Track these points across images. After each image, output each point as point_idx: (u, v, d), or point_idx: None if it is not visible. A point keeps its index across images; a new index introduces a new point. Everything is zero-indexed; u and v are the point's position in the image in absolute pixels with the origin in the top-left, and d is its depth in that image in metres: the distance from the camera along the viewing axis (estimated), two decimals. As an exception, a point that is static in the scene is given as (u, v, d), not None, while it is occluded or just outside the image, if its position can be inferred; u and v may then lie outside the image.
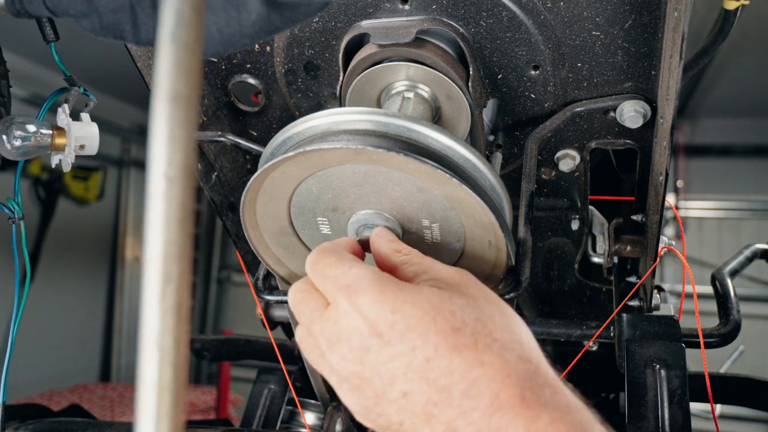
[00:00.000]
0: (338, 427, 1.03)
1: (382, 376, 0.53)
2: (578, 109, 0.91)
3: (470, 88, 0.85)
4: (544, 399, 0.50)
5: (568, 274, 1.33)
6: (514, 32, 0.84)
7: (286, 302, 0.87)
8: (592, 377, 1.53)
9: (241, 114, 1.06)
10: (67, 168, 0.90)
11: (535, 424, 0.48)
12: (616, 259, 1.16)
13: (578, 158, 0.99)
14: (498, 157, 0.99)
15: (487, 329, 0.53)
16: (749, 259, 1.57)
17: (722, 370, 2.41)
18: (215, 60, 0.99)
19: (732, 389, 1.39)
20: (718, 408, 1.50)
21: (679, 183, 5.37)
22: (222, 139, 0.95)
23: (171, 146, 0.31)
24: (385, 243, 0.66)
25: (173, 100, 0.31)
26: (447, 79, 0.84)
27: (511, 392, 0.50)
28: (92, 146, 0.90)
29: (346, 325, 0.55)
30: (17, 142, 0.85)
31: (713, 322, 1.33)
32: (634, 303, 1.14)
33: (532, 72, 0.88)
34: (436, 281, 0.58)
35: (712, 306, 1.37)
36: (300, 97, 0.99)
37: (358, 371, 0.54)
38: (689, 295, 1.12)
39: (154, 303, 0.31)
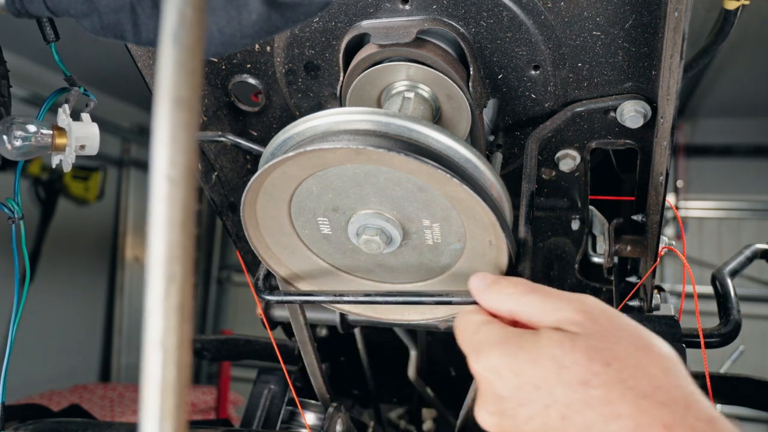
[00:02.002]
0: (338, 427, 1.03)
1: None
2: (578, 109, 0.91)
3: (470, 88, 0.85)
4: None
5: (568, 274, 1.33)
6: (514, 32, 0.84)
7: (286, 302, 0.87)
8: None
9: (241, 114, 1.06)
10: (67, 168, 0.90)
11: None
12: (616, 259, 1.16)
13: (578, 158, 0.99)
14: (498, 157, 0.99)
15: (620, 377, 0.50)
16: (749, 259, 1.57)
17: (722, 370, 2.41)
18: (215, 60, 0.99)
19: (732, 389, 1.39)
20: (718, 408, 1.50)
21: (679, 183, 5.37)
22: (222, 139, 0.95)
23: (173, 148, 0.31)
24: (492, 295, 0.62)
25: (175, 102, 0.31)
26: (447, 79, 0.84)
27: None
28: (92, 146, 0.90)
29: (483, 388, 0.56)
30: (18, 143, 0.85)
31: (713, 322, 1.34)
32: (635, 303, 1.14)
33: (533, 72, 0.88)
34: (558, 322, 0.55)
35: (712, 306, 1.37)
36: (300, 97, 1.00)
37: (504, 431, 0.55)
38: (689, 295, 1.12)
39: (157, 303, 0.31)
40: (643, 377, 0.50)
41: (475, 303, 0.65)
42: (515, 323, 0.60)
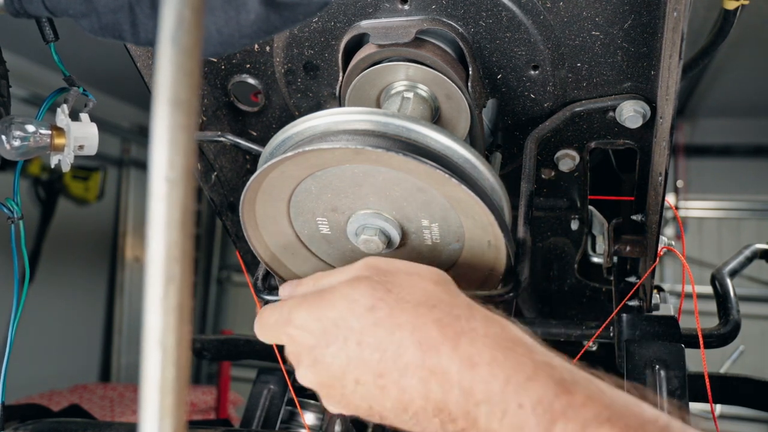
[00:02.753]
0: (337, 427, 1.03)
1: (335, 375, 0.59)
2: (578, 109, 0.91)
3: (470, 88, 0.85)
4: (461, 325, 0.56)
5: (568, 274, 1.33)
6: (513, 32, 0.85)
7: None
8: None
9: (240, 114, 1.06)
10: (66, 168, 0.90)
11: (459, 349, 0.54)
12: (615, 259, 1.16)
13: (578, 158, 0.99)
14: (497, 157, 0.99)
15: (399, 296, 0.59)
16: (749, 259, 1.57)
17: (722, 370, 2.41)
18: (215, 60, 0.99)
19: (732, 389, 1.40)
20: (718, 408, 1.50)
21: (679, 183, 5.37)
22: (222, 139, 0.95)
23: (172, 149, 0.31)
24: (298, 289, 0.70)
25: (174, 103, 0.31)
26: (446, 79, 0.84)
27: (429, 333, 0.56)
28: (91, 146, 0.90)
29: (296, 349, 0.62)
30: (16, 142, 0.85)
31: (713, 322, 1.34)
32: (634, 303, 1.14)
33: (532, 72, 0.89)
34: (348, 279, 0.63)
35: (712, 306, 1.37)
36: (299, 97, 1.00)
37: (319, 381, 0.61)
38: (689, 295, 1.12)
39: (156, 303, 0.31)
40: (416, 292, 0.60)
41: None
42: None
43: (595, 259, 1.21)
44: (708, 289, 1.43)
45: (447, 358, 0.54)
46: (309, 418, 1.31)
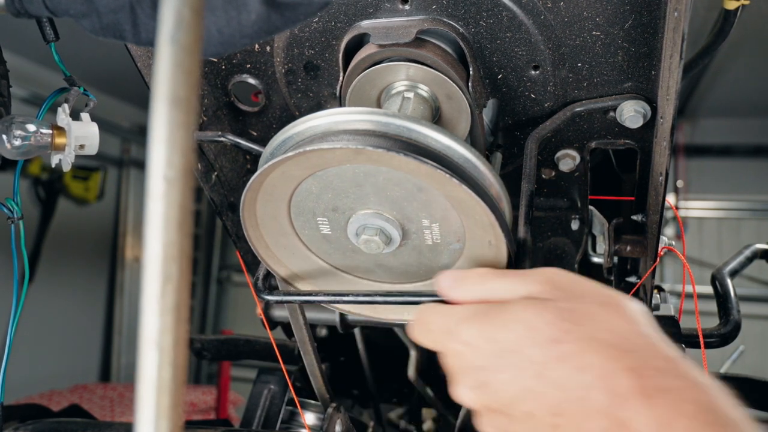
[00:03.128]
0: (338, 427, 1.03)
1: (503, 403, 0.54)
2: (578, 109, 0.91)
3: (470, 88, 0.85)
4: (659, 382, 0.49)
5: (568, 274, 1.33)
6: (514, 32, 0.84)
7: (285, 302, 0.87)
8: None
9: (241, 114, 1.06)
10: (66, 168, 0.90)
11: (653, 409, 0.48)
12: (616, 259, 1.16)
13: (578, 158, 0.99)
14: (498, 157, 0.99)
15: (589, 332, 0.53)
16: (749, 259, 1.57)
17: (722, 370, 2.41)
18: (215, 60, 0.99)
19: (732, 389, 1.39)
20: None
21: (679, 183, 5.37)
22: (222, 139, 0.95)
23: (170, 148, 0.31)
24: (460, 289, 0.64)
25: (173, 102, 0.31)
26: (447, 79, 0.84)
27: (620, 381, 0.50)
28: (92, 146, 0.90)
29: (459, 363, 0.58)
30: (17, 142, 0.85)
31: (713, 322, 1.34)
32: (634, 303, 1.14)
33: (532, 72, 0.88)
34: (527, 294, 0.58)
35: (712, 306, 1.37)
36: (300, 97, 1.00)
37: (483, 404, 0.57)
38: (689, 295, 1.12)
39: (153, 303, 0.31)
40: (609, 330, 0.53)
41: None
42: None
43: (596, 259, 1.21)
44: (708, 289, 1.43)
45: (637, 414, 0.48)
46: (309, 418, 1.31)
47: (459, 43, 0.85)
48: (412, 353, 1.60)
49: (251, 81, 1.00)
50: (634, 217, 1.05)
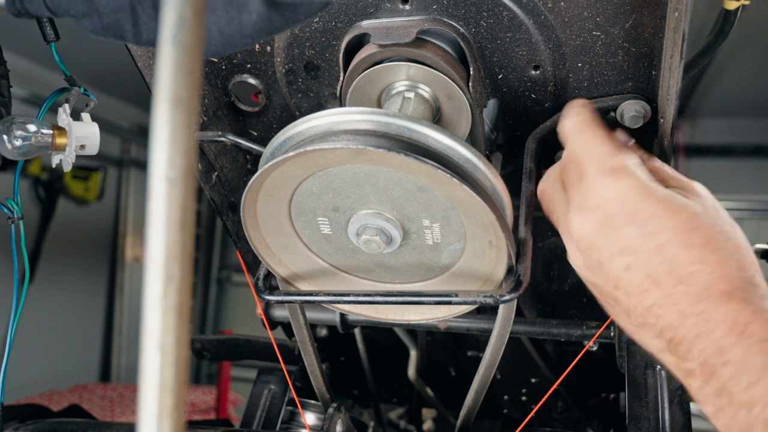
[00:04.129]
0: (338, 427, 1.03)
1: (612, 245, 0.61)
2: (579, 109, 0.91)
3: (471, 88, 0.85)
4: (751, 298, 0.56)
5: (568, 274, 1.33)
6: (514, 32, 0.84)
7: (286, 302, 0.87)
8: (593, 377, 1.53)
9: (241, 114, 1.06)
10: (67, 168, 0.90)
11: (739, 314, 0.55)
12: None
13: (578, 158, 0.99)
14: (498, 156, 0.99)
15: (717, 238, 0.61)
16: (749, 259, 1.56)
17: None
18: (215, 60, 0.99)
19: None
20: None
21: (679, 183, 5.36)
22: (222, 139, 0.95)
23: (172, 148, 0.31)
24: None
25: (174, 102, 0.31)
26: (447, 79, 0.84)
27: (722, 288, 0.57)
28: (93, 146, 0.90)
29: (600, 197, 0.63)
30: (18, 142, 0.85)
31: (713, 322, 1.33)
32: (635, 303, 1.14)
33: (533, 72, 0.88)
34: (682, 190, 0.66)
35: (713, 306, 1.37)
36: (300, 97, 1.00)
37: (591, 237, 0.63)
38: (689, 295, 1.12)
39: (155, 303, 0.31)
40: (731, 243, 0.62)
41: (476, 304, 0.67)
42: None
43: (596, 260, 1.20)
44: (708, 290, 1.42)
45: (719, 314, 0.56)
46: (310, 418, 1.31)
47: (459, 43, 0.85)
48: (412, 353, 1.60)
49: (251, 81, 1.00)
50: (634, 217, 1.05)
